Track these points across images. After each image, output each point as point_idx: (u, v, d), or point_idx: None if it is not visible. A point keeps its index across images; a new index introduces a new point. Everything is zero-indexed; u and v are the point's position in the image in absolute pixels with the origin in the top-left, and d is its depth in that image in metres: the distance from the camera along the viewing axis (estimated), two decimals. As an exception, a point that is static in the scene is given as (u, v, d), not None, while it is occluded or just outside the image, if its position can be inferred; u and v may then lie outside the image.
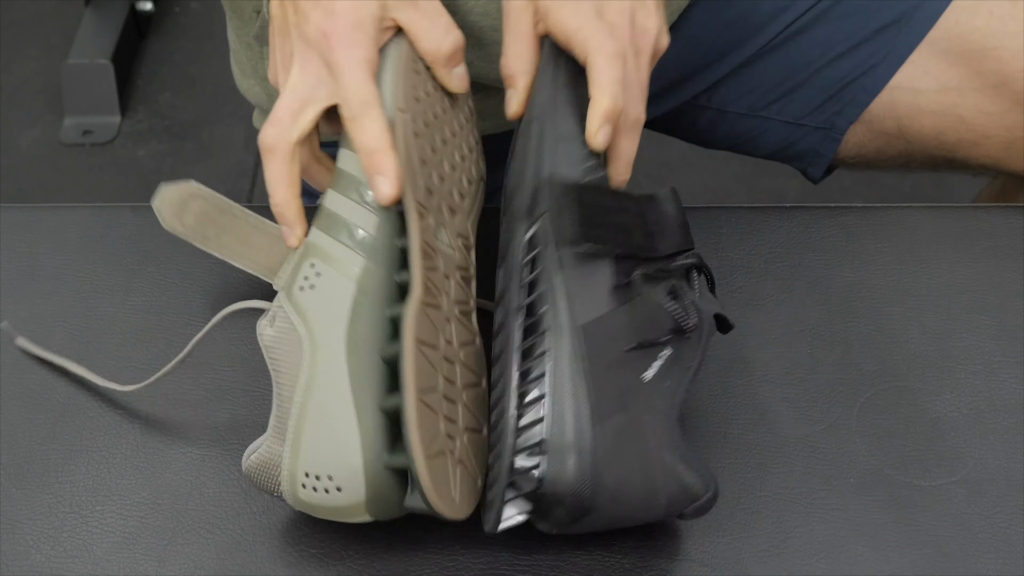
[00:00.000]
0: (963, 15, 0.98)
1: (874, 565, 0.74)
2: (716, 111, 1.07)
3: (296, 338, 0.72)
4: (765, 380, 0.83)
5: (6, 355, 0.85)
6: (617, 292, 0.71)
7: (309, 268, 0.74)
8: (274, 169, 0.77)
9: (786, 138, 1.06)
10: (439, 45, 0.78)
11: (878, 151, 1.04)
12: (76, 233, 0.93)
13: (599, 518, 0.70)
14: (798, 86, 1.03)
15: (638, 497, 0.69)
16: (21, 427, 0.81)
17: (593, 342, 0.70)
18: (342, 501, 0.70)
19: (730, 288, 0.88)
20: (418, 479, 0.67)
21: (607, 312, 0.71)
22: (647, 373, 0.70)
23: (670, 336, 0.71)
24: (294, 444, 0.70)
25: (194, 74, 2.15)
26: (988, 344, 0.84)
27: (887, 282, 0.88)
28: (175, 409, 0.82)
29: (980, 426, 0.80)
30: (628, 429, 0.69)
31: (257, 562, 0.75)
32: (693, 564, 0.74)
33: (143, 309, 0.88)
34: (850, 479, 0.78)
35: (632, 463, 0.69)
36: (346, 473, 0.69)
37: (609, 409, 0.69)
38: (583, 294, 0.71)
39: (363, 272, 0.73)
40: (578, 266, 0.71)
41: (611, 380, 0.69)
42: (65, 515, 0.77)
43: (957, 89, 0.98)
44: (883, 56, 1.00)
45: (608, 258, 0.72)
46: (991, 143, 0.99)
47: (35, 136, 2.06)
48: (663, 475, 0.69)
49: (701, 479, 0.70)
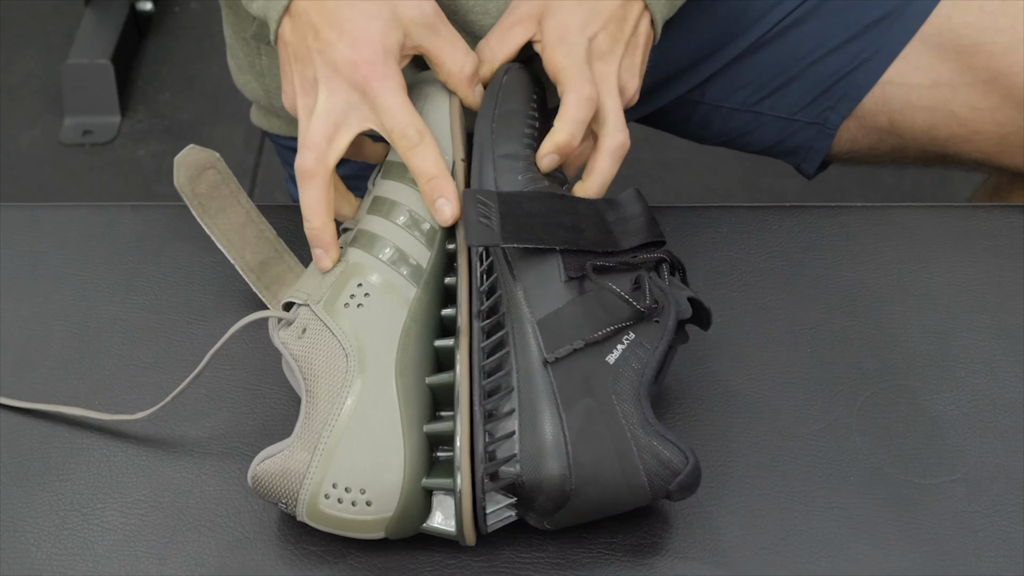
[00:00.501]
0: (954, 10, 0.98)
1: (874, 563, 0.74)
2: (709, 106, 1.07)
3: (337, 351, 0.73)
4: (765, 380, 0.83)
5: (6, 355, 0.85)
6: (570, 285, 0.74)
7: (356, 288, 0.75)
8: (313, 195, 0.78)
9: (779, 133, 1.06)
10: (462, 67, 0.81)
11: (871, 146, 1.05)
12: (76, 232, 0.93)
13: (585, 503, 0.71)
14: (790, 81, 1.03)
15: (617, 477, 0.71)
16: (21, 426, 0.81)
17: (550, 334, 0.73)
18: (367, 515, 0.72)
19: (730, 288, 0.88)
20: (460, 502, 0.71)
21: (562, 305, 0.74)
22: (610, 356, 0.73)
23: (630, 322, 0.73)
24: (327, 454, 0.71)
25: (194, 74, 2.15)
26: (988, 343, 0.84)
27: (887, 282, 0.88)
28: (175, 408, 0.82)
29: (980, 425, 0.80)
30: (597, 410, 0.72)
31: (258, 560, 0.75)
32: (693, 563, 0.74)
33: (143, 308, 0.88)
34: (850, 477, 0.78)
35: (605, 443, 0.71)
36: (382, 488, 0.71)
37: (576, 394, 0.72)
38: (538, 291, 0.74)
39: (415, 301, 0.75)
40: (530, 265, 0.74)
41: (574, 367, 0.72)
42: (66, 513, 0.77)
43: (948, 84, 0.99)
44: (875, 51, 1.00)
45: (555, 255, 0.75)
46: (982, 138, 0.99)
47: (35, 136, 2.06)
48: (638, 451, 0.71)
49: (678, 451, 0.72)
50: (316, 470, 0.71)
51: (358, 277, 0.76)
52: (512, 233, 0.74)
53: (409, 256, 0.76)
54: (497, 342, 0.73)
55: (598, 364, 0.73)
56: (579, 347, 0.72)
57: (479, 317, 0.74)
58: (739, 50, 1.04)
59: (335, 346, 0.73)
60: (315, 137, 0.78)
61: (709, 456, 0.78)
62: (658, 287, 0.74)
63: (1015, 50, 0.96)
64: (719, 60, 1.04)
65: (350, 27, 0.78)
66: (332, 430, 0.71)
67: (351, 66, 0.78)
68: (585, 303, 0.74)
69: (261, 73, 1.01)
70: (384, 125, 0.78)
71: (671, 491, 0.72)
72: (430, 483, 0.72)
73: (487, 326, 0.74)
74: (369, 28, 0.78)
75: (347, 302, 0.75)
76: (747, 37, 1.03)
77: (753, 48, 1.03)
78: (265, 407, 0.82)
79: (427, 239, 0.77)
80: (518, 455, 0.71)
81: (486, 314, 0.74)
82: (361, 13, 0.79)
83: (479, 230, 0.74)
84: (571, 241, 0.75)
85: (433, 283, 0.76)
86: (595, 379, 0.72)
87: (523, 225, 0.75)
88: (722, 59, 1.04)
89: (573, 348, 0.72)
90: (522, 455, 0.71)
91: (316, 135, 0.78)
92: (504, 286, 0.74)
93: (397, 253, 0.76)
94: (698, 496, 0.76)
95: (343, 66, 0.78)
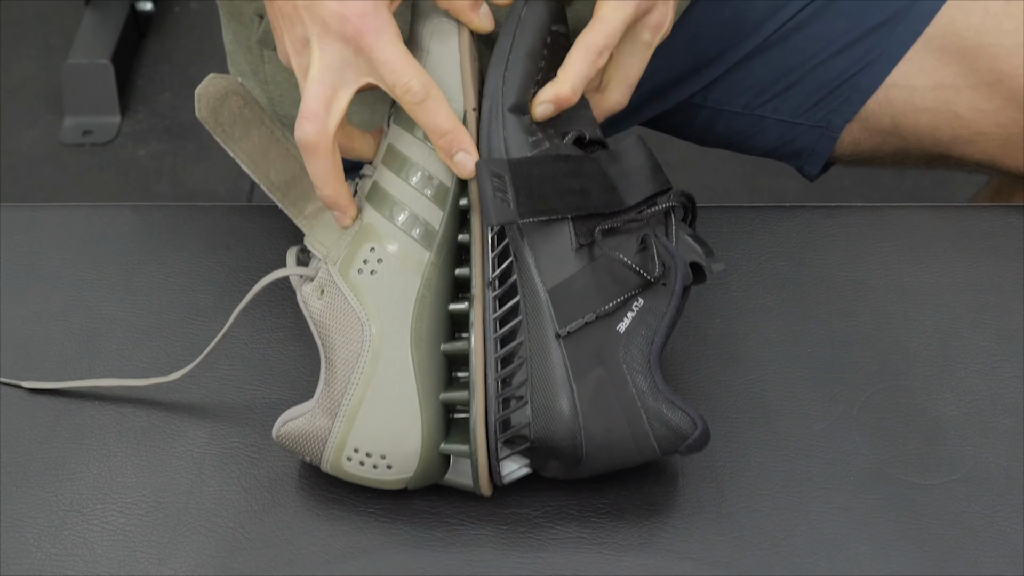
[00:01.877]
0: (958, 13, 0.98)
1: (874, 564, 0.74)
2: (711, 109, 1.07)
3: (353, 318, 0.75)
4: (765, 380, 0.83)
5: (6, 355, 0.85)
6: (580, 253, 0.74)
7: (369, 252, 0.75)
8: (320, 166, 0.76)
9: (781, 136, 1.06)
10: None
11: (874, 148, 1.04)
12: (76, 233, 0.93)
13: (596, 466, 0.74)
14: (794, 84, 1.03)
15: (628, 442, 0.73)
16: (21, 427, 0.81)
17: (562, 305, 0.73)
18: (388, 476, 0.75)
19: (730, 288, 0.88)
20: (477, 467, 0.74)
21: (573, 274, 0.74)
22: (621, 325, 0.74)
23: (638, 289, 0.74)
24: (348, 421, 0.74)
25: (194, 74, 2.15)
26: (988, 343, 0.84)
27: (887, 282, 0.88)
28: (175, 408, 0.82)
29: (980, 425, 0.80)
30: (608, 380, 0.73)
31: (258, 560, 0.75)
32: (694, 563, 0.74)
33: (143, 308, 0.88)
34: (850, 478, 0.78)
35: (616, 411, 0.73)
36: (401, 455, 0.74)
37: (588, 364, 0.73)
38: (549, 260, 0.74)
39: (429, 267, 0.75)
40: (541, 233, 0.74)
41: (586, 337, 0.73)
42: (66, 513, 0.77)
43: (952, 86, 0.99)
44: (879, 53, 1.00)
45: (566, 222, 0.74)
46: (986, 140, 0.99)
47: (35, 136, 2.06)
48: (648, 419, 0.73)
49: (687, 418, 0.73)
50: (337, 435, 0.74)
51: (371, 241, 0.76)
52: (526, 206, 0.73)
53: (422, 218, 0.76)
54: (510, 310, 0.74)
55: (609, 334, 0.74)
56: (591, 320, 0.73)
57: (491, 286, 0.74)
58: (742, 54, 1.03)
59: (351, 314, 0.74)
60: (312, 104, 0.75)
61: (709, 455, 0.78)
62: (664, 247, 0.75)
63: (1019, 52, 0.96)
64: (722, 64, 1.04)
65: None
66: (351, 400, 0.74)
67: (341, 20, 0.74)
68: (595, 272, 0.74)
69: (265, 81, 1.00)
70: (385, 80, 0.75)
71: (680, 451, 0.74)
72: (448, 448, 0.74)
73: (500, 294, 0.74)
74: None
75: (360, 268, 0.75)
76: (750, 41, 1.03)
77: (756, 52, 1.03)
78: (266, 405, 0.82)
79: (439, 197, 0.76)
80: (531, 424, 0.73)
81: (498, 282, 0.74)
82: None
83: (497, 207, 0.73)
84: (580, 206, 0.75)
85: (446, 246, 0.76)
86: (606, 349, 0.73)
87: (535, 195, 0.74)
88: (725, 63, 1.04)
89: (585, 321, 0.73)
90: (535, 423, 0.73)
91: (313, 102, 0.75)
92: (516, 251, 0.74)
93: (411, 216, 0.76)
94: (698, 496, 0.76)
95: (332, 21, 0.74)
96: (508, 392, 0.73)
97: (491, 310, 0.74)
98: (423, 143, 0.76)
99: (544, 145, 0.76)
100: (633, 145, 0.78)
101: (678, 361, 0.83)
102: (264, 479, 0.78)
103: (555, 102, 0.76)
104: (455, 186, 0.76)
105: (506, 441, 0.73)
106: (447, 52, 0.77)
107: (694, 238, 0.77)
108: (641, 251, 0.74)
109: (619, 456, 0.74)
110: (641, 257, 0.74)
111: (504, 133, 0.75)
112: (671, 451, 0.74)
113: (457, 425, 0.76)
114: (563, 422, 0.73)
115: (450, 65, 0.77)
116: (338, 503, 0.77)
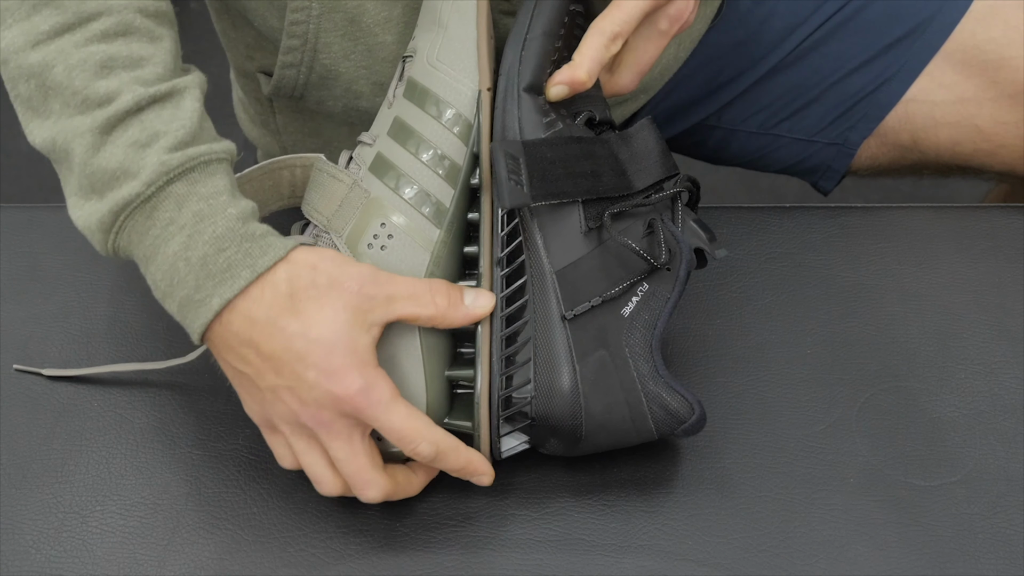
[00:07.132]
0: (978, 26, 0.97)
1: (874, 564, 0.74)
2: (725, 130, 1.06)
3: None
4: (765, 380, 0.83)
5: (6, 356, 0.85)
6: (589, 236, 0.75)
7: (380, 227, 0.76)
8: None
9: (797, 154, 1.05)
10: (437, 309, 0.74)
11: (892, 162, 1.03)
12: (76, 233, 0.93)
13: (594, 443, 0.76)
14: (810, 103, 1.02)
15: (627, 423, 0.75)
16: (21, 427, 0.81)
17: (569, 287, 0.74)
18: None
19: (730, 288, 0.88)
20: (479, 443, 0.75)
21: (580, 257, 0.75)
22: (625, 309, 0.75)
23: (644, 274, 0.75)
24: None
25: (194, 74, 2.15)
26: (988, 344, 0.84)
27: (887, 282, 0.88)
28: (175, 409, 0.82)
29: (980, 426, 0.80)
30: (611, 363, 0.74)
31: (257, 562, 0.75)
32: (693, 564, 0.74)
33: (143, 309, 0.88)
34: (850, 479, 0.78)
35: (616, 395, 0.74)
36: None
37: (590, 346, 0.74)
38: (557, 241, 0.75)
39: (439, 244, 0.76)
40: (551, 215, 0.75)
41: (590, 319, 0.74)
42: (65, 515, 0.77)
43: (974, 100, 0.98)
44: (897, 69, 0.99)
45: (576, 205, 0.75)
46: (1007, 152, 0.99)
47: (35, 136, 2.06)
48: (647, 402, 0.74)
49: (685, 403, 0.74)
50: None
51: (381, 216, 0.76)
52: (539, 188, 0.74)
53: (433, 196, 0.76)
54: (517, 289, 0.75)
55: (613, 317, 0.75)
56: (596, 304, 0.74)
57: (500, 265, 0.75)
58: (758, 76, 1.02)
59: None
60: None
61: (709, 457, 0.78)
62: (670, 233, 0.75)
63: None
64: (738, 86, 1.03)
65: (315, 356, 0.70)
66: None
67: (335, 400, 0.70)
68: (603, 255, 0.75)
69: (277, 131, 0.99)
70: (392, 441, 0.72)
71: (676, 434, 0.75)
72: (451, 424, 0.76)
73: (508, 273, 0.75)
74: (335, 349, 0.70)
75: (370, 242, 0.75)
76: (766, 63, 1.02)
77: (772, 73, 1.02)
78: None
79: (451, 176, 0.76)
80: (532, 402, 0.74)
81: (507, 260, 0.75)
82: (319, 333, 0.70)
83: (511, 190, 0.73)
84: (591, 189, 0.75)
85: (456, 224, 0.76)
86: (610, 332, 0.75)
87: (548, 178, 0.75)
88: (741, 85, 1.03)
89: (591, 305, 0.74)
90: (536, 402, 0.74)
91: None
92: (525, 232, 0.75)
93: (420, 192, 0.76)
94: (698, 497, 0.76)
95: (327, 403, 0.71)
96: (512, 370, 0.74)
97: (499, 288, 0.75)
98: (434, 120, 0.77)
99: (557, 126, 0.77)
100: (644, 127, 0.79)
101: (678, 361, 0.83)
102: (263, 480, 0.78)
103: (570, 84, 0.76)
104: (467, 164, 0.77)
105: (508, 418, 0.75)
106: (465, 30, 0.78)
107: (699, 223, 0.77)
108: (648, 236, 0.75)
109: (617, 436, 0.75)
110: (648, 242, 0.75)
111: (519, 113, 0.76)
112: (668, 433, 0.75)
113: (460, 400, 0.76)
114: (564, 401, 0.74)
115: (467, 43, 0.78)
116: (338, 503, 0.77)
